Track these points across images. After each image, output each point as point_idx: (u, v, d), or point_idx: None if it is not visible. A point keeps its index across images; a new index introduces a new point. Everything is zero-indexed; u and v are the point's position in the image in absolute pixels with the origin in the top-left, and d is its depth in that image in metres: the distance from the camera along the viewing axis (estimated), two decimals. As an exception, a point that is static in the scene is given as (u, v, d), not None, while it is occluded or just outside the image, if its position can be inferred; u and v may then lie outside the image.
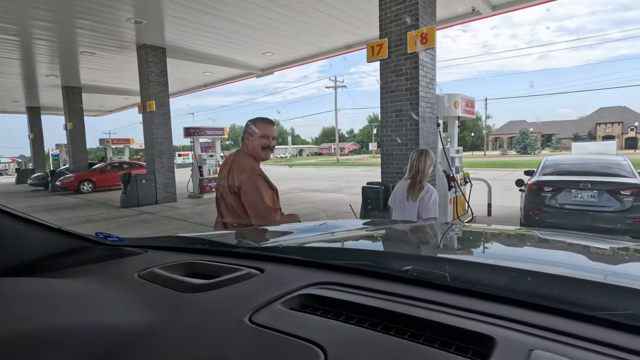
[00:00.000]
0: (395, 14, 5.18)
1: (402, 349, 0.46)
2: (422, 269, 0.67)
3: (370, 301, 0.58)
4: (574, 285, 0.61)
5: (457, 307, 0.55)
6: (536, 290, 0.58)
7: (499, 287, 0.60)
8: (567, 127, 58.23)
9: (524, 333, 0.48)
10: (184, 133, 12.06)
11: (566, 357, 0.42)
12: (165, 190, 10.68)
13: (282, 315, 0.56)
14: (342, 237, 1.10)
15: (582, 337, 0.46)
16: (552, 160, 6.04)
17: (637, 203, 4.54)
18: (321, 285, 0.66)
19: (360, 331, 0.50)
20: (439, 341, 0.47)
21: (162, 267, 0.77)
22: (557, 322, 0.50)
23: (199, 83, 15.78)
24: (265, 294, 0.63)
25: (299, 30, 9.25)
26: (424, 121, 5.17)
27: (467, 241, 1.15)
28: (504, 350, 0.44)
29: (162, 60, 10.39)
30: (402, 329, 0.50)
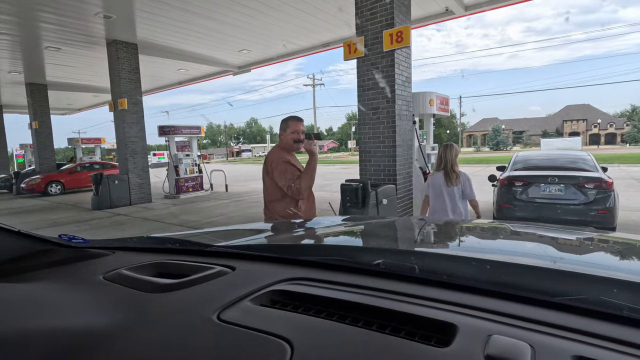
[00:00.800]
0: (371, 12, 5.23)
1: (368, 339, 0.47)
2: (393, 262, 0.68)
3: (341, 295, 0.59)
4: (531, 273, 0.64)
5: (424, 297, 0.57)
6: (495, 279, 0.61)
7: (462, 276, 0.62)
8: (537, 124, 60.69)
9: (484, 319, 0.49)
10: (159, 132, 11.72)
11: (522, 340, 0.44)
12: (139, 190, 10.36)
13: (251, 312, 0.56)
14: (317, 233, 1.11)
15: (538, 321, 0.49)
16: (522, 156, 6.28)
17: (600, 196, 4.80)
18: (292, 281, 0.66)
19: (328, 324, 0.51)
20: (405, 331, 0.48)
21: (130, 268, 0.75)
22: (515, 308, 0.52)
23: (173, 80, 15.38)
24: (235, 292, 0.62)
25: (276, 27, 9.17)
26: (400, 119, 5.25)
27: (438, 234, 1.18)
28: (464, 336, 0.45)
29: (133, 57, 10.05)
30: (370, 320, 0.51)
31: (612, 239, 1.04)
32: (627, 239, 1.08)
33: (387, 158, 5.28)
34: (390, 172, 5.27)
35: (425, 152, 6.29)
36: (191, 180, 11.89)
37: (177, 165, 11.51)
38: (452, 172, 3.26)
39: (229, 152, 75.08)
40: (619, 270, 0.73)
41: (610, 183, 4.84)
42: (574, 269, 0.66)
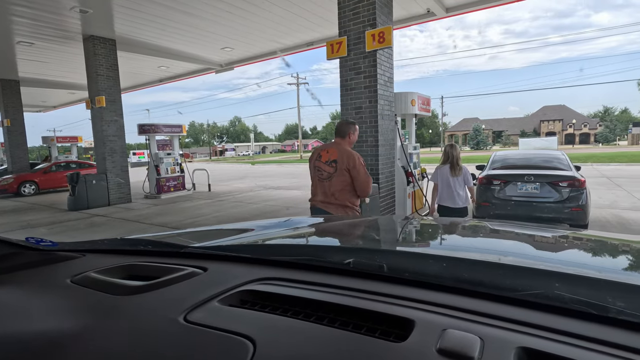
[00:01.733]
0: (353, 12, 5.25)
1: (330, 336, 0.48)
2: (362, 261, 0.70)
3: (308, 294, 0.60)
4: (485, 268, 0.66)
5: (390, 295, 0.58)
6: (453, 275, 0.63)
7: (423, 274, 0.64)
8: (515, 124, 62.41)
9: (441, 314, 0.52)
10: (138, 130, 11.45)
11: (473, 333, 0.46)
12: (118, 190, 10.10)
13: (218, 312, 0.56)
14: (293, 232, 1.11)
15: (490, 314, 0.51)
16: (500, 155, 6.45)
17: (573, 194, 4.98)
18: (263, 281, 0.66)
19: (292, 322, 0.52)
20: (366, 327, 0.50)
21: (99, 270, 0.74)
22: (470, 303, 0.54)
23: (154, 78, 15.04)
24: (204, 293, 0.62)
25: (259, 25, 9.10)
26: (382, 118, 5.30)
27: (411, 233, 1.20)
28: (421, 331, 0.47)
29: (112, 53, 9.77)
30: (334, 318, 0.53)
31: (573, 236, 1.08)
32: (588, 235, 1.13)
33: (369, 157, 5.32)
34: (372, 171, 5.32)
35: (407, 152, 6.38)
36: (173, 180, 11.67)
37: (157, 165, 11.27)
38: (456, 165, 4.18)
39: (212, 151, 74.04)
40: (571, 265, 0.77)
41: (582, 182, 5.03)
42: (534, 265, 0.69)
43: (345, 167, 2.81)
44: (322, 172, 2.92)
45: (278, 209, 8.55)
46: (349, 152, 2.88)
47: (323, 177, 2.92)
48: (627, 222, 6.01)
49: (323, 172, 2.92)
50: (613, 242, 0.99)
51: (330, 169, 2.87)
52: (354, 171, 2.81)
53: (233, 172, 24.28)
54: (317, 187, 2.98)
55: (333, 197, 2.86)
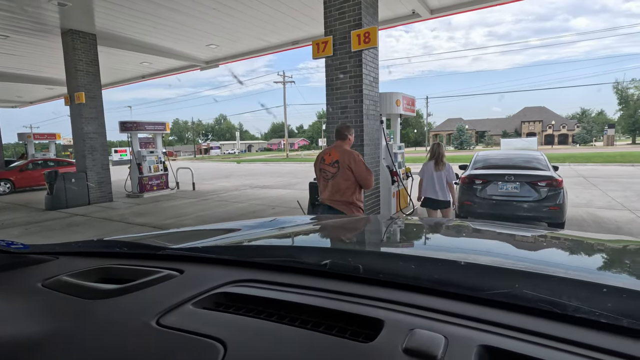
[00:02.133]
0: (339, 12, 5.27)
1: (300, 337, 0.49)
2: (338, 262, 0.70)
3: (283, 295, 0.60)
4: (457, 269, 0.68)
5: (363, 295, 0.59)
6: (423, 275, 0.65)
7: (397, 274, 0.66)
8: (498, 125, 63.80)
9: (410, 314, 0.53)
10: (120, 127, 11.17)
11: (439, 332, 0.47)
12: (99, 189, 9.84)
13: (192, 315, 0.56)
14: (273, 234, 1.11)
15: (458, 314, 0.53)
16: (482, 155, 6.58)
17: (551, 193, 5.13)
18: (239, 283, 0.67)
19: (265, 324, 0.53)
20: (337, 328, 0.51)
21: (72, 274, 0.73)
22: (439, 303, 0.56)
23: (136, 74, 14.70)
24: (179, 296, 0.62)
25: (245, 23, 9.01)
26: (367, 118, 5.34)
27: (389, 234, 1.22)
28: (389, 331, 0.49)
29: (92, 48, 9.50)
30: (307, 319, 0.53)
31: (545, 235, 1.12)
32: (561, 234, 1.17)
33: (355, 157, 5.35)
34: (358, 170, 5.34)
35: (392, 151, 6.44)
36: (156, 179, 11.45)
37: (140, 163, 11.03)
38: (440, 162, 4.68)
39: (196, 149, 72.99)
40: (538, 263, 0.80)
41: (560, 181, 5.19)
42: (492, 263, 0.71)
43: (347, 165, 3.10)
44: (327, 172, 3.22)
45: (263, 208, 8.50)
46: (348, 151, 3.19)
47: (328, 177, 3.22)
48: (602, 221, 6.24)
49: (328, 172, 3.22)
50: (583, 241, 1.03)
51: (333, 169, 3.17)
52: (355, 167, 3.08)
53: (218, 170, 24.00)
54: (324, 186, 3.27)
55: (339, 194, 3.14)
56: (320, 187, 3.33)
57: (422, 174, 4.87)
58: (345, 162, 3.10)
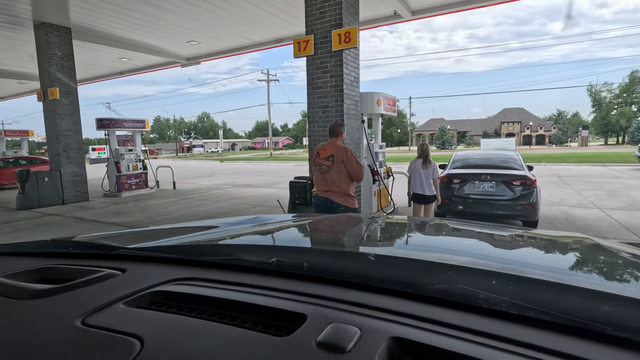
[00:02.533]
0: (320, 11, 5.27)
1: (224, 333, 0.50)
2: (285, 260, 0.71)
3: (222, 293, 0.61)
4: (388, 264, 0.70)
5: (301, 292, 0.61)
6: (361, 272, 0.67)
7: (335, 271, 0.67)
8: (478, 125, 65.29)
9: (335, 309, 0.55)
10: (97, 125, 10.85)
11: (356, 325, 0.49)
12: (74, 188, 9.53)
13: (120, 314, 0.57)
14: (230, 233, 1.11)
15: (379, 308, 0.55)
16: (460, 155, 6.73)
17: (525, 192, 5.30)
18: (179, 281, 0.67)
19: (190, 321, 0.54)
20: (263, 323, 0.53)
21: (7, 274, 0.72)
22: (363, 297, 0.58)
23: (114, 70, 14.30)
24: (113, 295, 0.62)
25: (227, 20, 8.90)
26: (348, 117, 5.37)
27: (342, 232, 1.25)
28: (309, 324, 0.50)
29: (67, 42, 9.18)
30: (237, 316, 0.55)
31: (492, 232, 1.16)
32: (511, 231, 1.21)
33: (335, 156, 5.37)
34: (338, 169, 5.37)
35: (373, 151, 6.49)
36: (134, 177, 11.18)
37: (118, 161, 10.75)
38: (427, 160, 5.07)
39: (178, 147, 71.64)
40: (463, 256, 0.84)
41: (533, 180, 5.36)
42: (418, 257, 0.75)
43: (341, 159, 3.42)
44: (322, 166, 3.52)
45: (246, 207, 8.43)
46: (342, 147, 3.51)
47: (323, 170, 3.52)
48: (573, 219, 6.47)
49: (323, 166, 3.52)
50: (530, 237, 1.07)
51: (328, 162, 3.48)
52: (347, 161, 3.41)
53: (200, 169, 23.64)
54: (319, 179, 3.56)
55: (334, 185, 3.45)
56: (315, 180, 3.62)
57: (410, 171, 5.23)
58: (339, 156, 3.42)
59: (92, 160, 33.75)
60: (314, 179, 3.65)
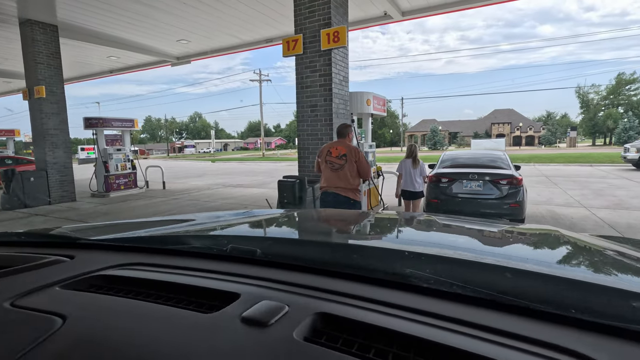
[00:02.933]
0: (309, 10, 5.27)
1: (149, 312, 0.52)
2: (239, 247, 0.74)
3: (163, 276, 0.63)
4: (328, 249, 0.76)
5: (247, 276, 0.63)
6: (303, 256, 0.71)
7: (279, 255, 0.71)
8: (469, 126, 65.93)
9: (267, 288, 0.58)
10: (84, 124, 10.69)
11: (285, 302, 0.52)
12: (60, 188, 9.38)
13: (53, 296, 0.58)
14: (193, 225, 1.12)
15: (308, 286, 0.58)
16: (448, 155, 6.79)
17: (512, 191, 5.36)
18: (125, 267, 0.69)
19: (119, 301, 0.55)
20: (197, 303, 0.55)
21: None
22: (299, 277, 0.62)
23: (103, 68, 14.13)
24: (53, 278, 0.64)
25: (217, 19, 8.85)
26: (337, 117, 5.38)
27: (297, 223, 1.28)
28: (240, 302, 0.53)
29: (53, 40, 9.04)
30: (175, 297, 0.57)
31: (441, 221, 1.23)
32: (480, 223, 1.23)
33: (324, 155, 5.38)
34: (327, 169, 5.38)
35: (363, 150, 6.51)
36: (123, 177, 11.05)
37: (106, 161, 10.62)
38: (416, 159, 5.62)
39: (170, 147, 70.99)
40: (389, 241, 0.91)
41: (520, 180, 5.43)
42: (351, 241, 0.80)
43: (354, 158, 3.67)
44: (334, 164, 3.71)
45: (236, 207, 8.39)
46: (354, 147, 3.76)
47: (335, 168, 3.71)
48: (559, 217, 6.58)
49: (335, 164, 3.71)
50: (490, 226, 1.10)
51: (341, 161, 3.69)
52: (359, 161, 3.68)
53: (191, 169, 23.46)
54: (329, 176, 3.73)
55: (345, 182, 3.68)
56: (324, 176, 3.80)
57: (400, 169, 5.69)
58: (352, 156, 3.67)
59: (81, 161, 33.26)
60: (323, 176, 3.82)
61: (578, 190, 9.70)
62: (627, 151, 14.95)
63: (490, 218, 4.93)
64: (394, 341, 0.44)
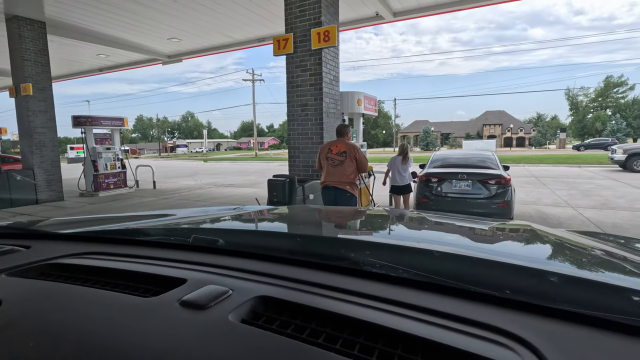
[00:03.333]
0: (300, 9, 5.27)
1: (90, 296, 0.52)
2: (200, 237, 0.75)
3: (117, 265, 0.64)
4: (282, 239, 0.80)
5: (203, 263, 0.65)
6: (253, 243, 0.74)
7: (237, 244, 0.74)
8: (461, 127, 66.50)
9: (214, 274, 0.59)
10: (73, 122, 10.54)
11: (229, 287, 0.53)
12: (48, 188, 9.24)
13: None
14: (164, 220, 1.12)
15: (252, 271, 0.60)
16: (439, 155, 6.84)
17: (500, 190, 5.42)
18: (80, 256, 0.70)
19: (62, 287, 0.56)
20: (144, 289, 0.55)
21: None
22: (248, 264, 0.63)
23: (93, 66, 13.95)
24: (1, 267, 0.64)
25: (208, 17, 8.80)
26: (327, 116, 5.39)
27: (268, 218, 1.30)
28: (186, 287, 0.54)
29: (41, 37, 8.89)
30: (124, 284, 0.57)
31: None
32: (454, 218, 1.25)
33: (315, 154, 5.37)
34: (318, 168, 5.38)
35: (353, 150, 6.53)
36: (113, 177, 10.92)
37: (95, 160, 10.48)
38: (406, 157, 6.05)
39: (162, 147, 70.35)
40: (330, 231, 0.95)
41: (508, 179, 5.49)
42: (307, 232, 0.84)
43: (353, 155, 4.06)
44: (335, 160, 4.11)
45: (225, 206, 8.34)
46: (352, 145, 4.15)
47: (335, 164, 4.10)
48: (547, 217, 6.67)
49: (335, 160, 4.11)
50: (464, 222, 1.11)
51: (341, 157, 4.09)
52: (358, 157, 4.08)
53: (183, 169, 23.28)
54: (330, 172, 4.13)
55: (345, 176, 4.07)
56: (325, 172, 4.19)
57: (390, 166, 6.15)
58: (352, 153, 4.07)
59: (71, 160, 32.76)
60: (324, 172, 4.21)
61: (566, 191, 9.84)
62: (614, 152, 15.22)
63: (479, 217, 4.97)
64: (330, 321, 0.45)
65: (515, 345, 0.39)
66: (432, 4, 8.24)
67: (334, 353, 0.38)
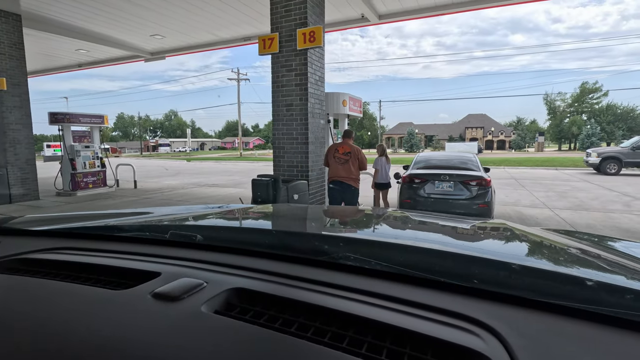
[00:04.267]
0: (285, 9, 5.26)
1: (61, 290, 0.52)
2: (178, 232, 0.75)
3: (90, 259, 0.64)
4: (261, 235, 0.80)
5: (177, 257, 0.65)
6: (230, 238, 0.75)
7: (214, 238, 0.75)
8: (444, 130, 67.70)
9: (189, 268, 0.59)
10: (49, 119, 10.20)
11: (203, 279, 0.53)
12: (22, 186, 8.90)
13: None
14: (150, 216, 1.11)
15: (230, 264, 0.61)
16: (422, 156, 6.95)
17: (481, 192, 5.55)
18: (52, 251, 0.69)
19: (31, 281, 0.56)
20: (117, 283, 0.55)
21: None
22: (224, 258, 0.64)
23: (72, 62, 13.53)
24: None
25: (193, 14, 8.68)
26: (313, 116, 5.39)
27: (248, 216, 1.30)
28: (159, 279, 0.54)
29: (16, 30, 8.57)
30: (97, 278, 0.57)
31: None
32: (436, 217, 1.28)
33: (299, 154, 5.38)
34: (303, 168, 5.38)
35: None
36: (91, 176, 10.62)
37: (73, 158, 10.16)
38: (387, 156, 7.04)
39: (144, 146, 68.81)
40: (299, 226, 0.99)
41: (488, 181, 5.62)
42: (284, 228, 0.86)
43: (356, 155, 5.03)
44: (341, 159, 5.01)
45: (210, 207, 8.23)
46: (356, 147, 5.12)
47: (341, 162, 5.00)
48: (525, 217, 6.86)
49: (341, 159, 5.01)
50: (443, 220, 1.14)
51: (346, 157, 5.01)
52: (360, 157, 5.07)
53: (166, 168, 22.83)
54: (337, 168, 5.00)
55: (349, 173, 4.98)
56: (332, 169, 5.06)
57: (377, 166, 6.97)
58: (355, 154, 5.03)
59: (47, 158, 31.65)
60: (331, 169, 5.07)
61: (543, 192, 10.15)
62: (589, 156, 15.80)
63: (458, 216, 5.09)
64: (303, 311, 0.46)
65: (480, 331, 0.41)
66: (416, 7, 8.36)
67: (305, 341, 0.39)
